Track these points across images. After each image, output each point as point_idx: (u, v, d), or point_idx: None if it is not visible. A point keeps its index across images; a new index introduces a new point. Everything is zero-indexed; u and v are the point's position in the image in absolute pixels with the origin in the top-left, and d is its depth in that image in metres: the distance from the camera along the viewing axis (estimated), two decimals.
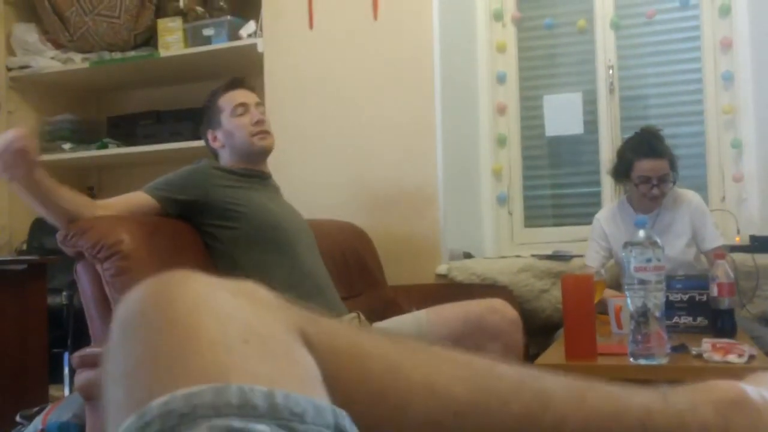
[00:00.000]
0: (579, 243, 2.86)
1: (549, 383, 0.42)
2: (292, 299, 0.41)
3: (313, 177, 2.88)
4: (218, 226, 1.89)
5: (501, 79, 3.13)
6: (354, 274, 2.51)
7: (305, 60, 2.95)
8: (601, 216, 2.59)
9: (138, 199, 1.84)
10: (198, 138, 3.09)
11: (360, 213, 2.82)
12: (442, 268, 2.80)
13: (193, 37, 3.09)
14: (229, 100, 2.06)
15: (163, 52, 3.12)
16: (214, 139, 2.07)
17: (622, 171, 2.47)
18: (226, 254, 1.88)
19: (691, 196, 2.52)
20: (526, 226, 3.16)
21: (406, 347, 0.42)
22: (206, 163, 2.00)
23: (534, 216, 3.17)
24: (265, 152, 2.09)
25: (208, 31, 3.06)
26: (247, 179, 2.01)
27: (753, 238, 2.63)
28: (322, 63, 2.94)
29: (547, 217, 3.18)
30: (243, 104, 2.05)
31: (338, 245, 2.50)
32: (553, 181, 3.18)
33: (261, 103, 2.13)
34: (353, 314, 2.00)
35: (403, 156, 2.83)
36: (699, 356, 1.73)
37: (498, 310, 1.91)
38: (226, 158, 2.08)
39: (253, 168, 2.06)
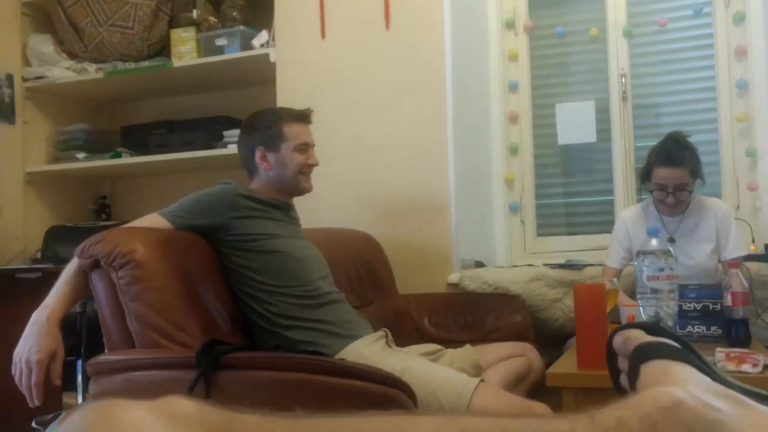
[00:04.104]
0: (592, 252, 2.85)
1: (469, 424, 0.42)
2: (212, 403, 0.42)
3: (325, 186, 2.88)
4: (234, 252, 1.89)
5: (513, 87, 3.14)
6: (365, 283, 2.52)
7: (317, 69, 2.97)
8: (626, 215, 2.57)
9: (154, 223, 1.84)
10: (210, 148, 3.14)
11: (372, 222, 2.82)
12: (453, 277, 2.79)
13: (206, 47, 3.11)
14: (297, 133, 2.06)
15: (176, 62, 3.14)
16: (264, 158, 2.05)
17: (644, 174, 2.46)
18: (239, 274, 1.89)
19: (718, 204, 2.50)
20: (539, 235, 3.15)
21: None
22: (231, 188, 1.96)
23: (546, 225, 3.16)
24: (304, 193, 2.12)
25: (221, 41, 3.08)
26: (270, 209, 2.01)
27: None
28: (335, 72, 2.95)
29: (560, 226, 3.17)
30: (307, 144, 2.08)
31: (350, 254, 2.50)
32: (566, 190, 3.17)
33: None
34: (381, 332, 2.00)
35: (415, 164, 2.83)
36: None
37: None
38: (262, 180, 2.06)
39: (281, 199, 2.06)
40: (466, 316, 2.70)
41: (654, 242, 1.67)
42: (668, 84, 3.00)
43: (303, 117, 2.11)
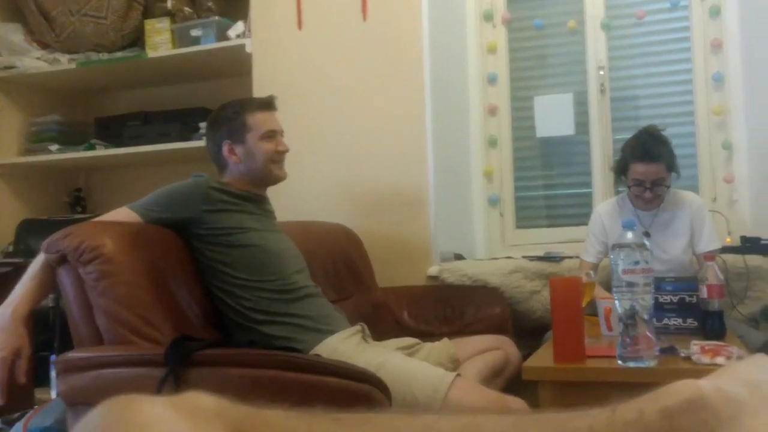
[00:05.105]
0: (571, 244, 2.84)
1: (491, 426, 0.41)
2: (230, 399, 0.41)
3: (303, 179, 2.86)
4: (207, 246, 1.86)
5: (492, 80, 3.12)
6: (344, 277, 2.50)
7: (294, 61, 2.93)
8: (602, 209, 2.57)
9: (124, 218, 1.81)
10: (186, 139, 3.10)
11: (350, 215, 2.80)
12: (433, 270, 2.78)
13: (180, 37, 3.06)
14: (262, 122, 2.02)
15: (150, 53, 3.09)
16: (231, 151, 2.01)
17: (620, 169, 2.46)
18: (212, 269, 1.86)
19: (693, 197, 2.51)
20: (518, 227, 3.15)
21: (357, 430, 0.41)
22: (204, 181, 1.94)
23: (525, 217, 3.16)
24: (278, 182, 2.08)
25: (196, 32, 3.03)
26: (244, 202, 1.98)
27: (744, 239, 2.62)
28: (311, 64, 2.92)
29: (539, 218, 3.16)
30: (274, 131, 2.04)
31: (328, 247, 2.48)
32: (545, 182, 3.17)
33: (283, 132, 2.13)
34: (357, 327, 1.98)
35: (393, 157, 2.81)
36: (687, 358, 1.72)
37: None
38: (233, 174, 2.03)
39: (255, 192, 2.03)
40: (446, 309, 2.69)
41: (629, 235, 1.67)
42: (646, 77, 3.00)
43: (266, 104, 2.07)
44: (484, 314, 2.65)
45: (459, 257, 2.88)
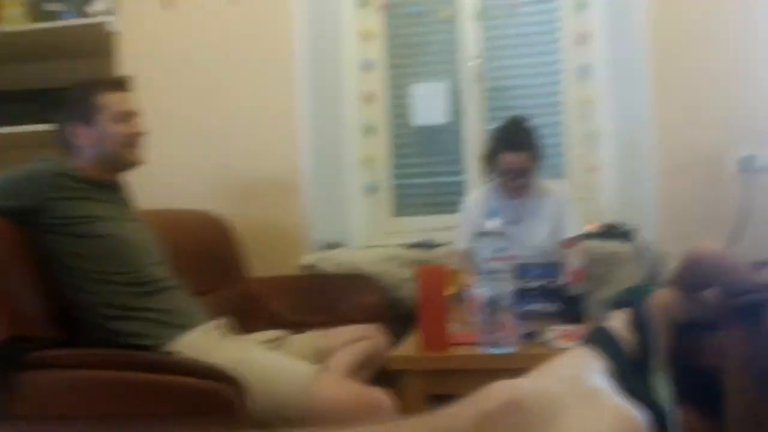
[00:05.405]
0: (448, 231, 2.87)
1: None
2: None
3: (169, 164, 2.73)
4: (54, 237, 1.72)
5: (368, 66, 3.09)
6: (209, 268, 2.40)
7: (163, 41, 2.80)
8: (472, 198, 2.61)
9: None
10: (43, 122, 2.87)
11: (220, 202, 2.71)
12: (308, 259, 2.74)
13: (37, 11, 2.84)
14: (114, 102, 1.88)
15: (3, 27, 2.84)
16: (80, 135, 1.86)
17: (489, 158, 2.49)
18: (59, 262, 1.72)
19: (557, 187, 2.58)
20: (396, 215, 3.15)
21: None
22: (50, 167, 1.79)
23: (403, 205, 3.16)
24: (132, 167, 1.95)
25: (54, 6, 2.82)
26: (97, 189, 1.84)
27: (606, 225, 2.73)
28: (181, 45, 2.80)
29: (417, 206, 3.17)
30: (129, 113, 1.90)
31: (192, 237, 2.37)
32: (422, 170, 3.18)
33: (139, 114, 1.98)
34: (219, 321, 1.88)
35: (265, 143, 2.74)
36: (547, 343, 1.76)
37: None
38: (83, 159, 1.88)
39: (108, 178, 1.90)
40: (320, 299, 2.65)
41: (492, 224, 1.69)
42: (519, 67, 3.06)
43: (118, 84, 1.95)
44: (359, 303, 2.63)
45: (334, 246, 2.85)
